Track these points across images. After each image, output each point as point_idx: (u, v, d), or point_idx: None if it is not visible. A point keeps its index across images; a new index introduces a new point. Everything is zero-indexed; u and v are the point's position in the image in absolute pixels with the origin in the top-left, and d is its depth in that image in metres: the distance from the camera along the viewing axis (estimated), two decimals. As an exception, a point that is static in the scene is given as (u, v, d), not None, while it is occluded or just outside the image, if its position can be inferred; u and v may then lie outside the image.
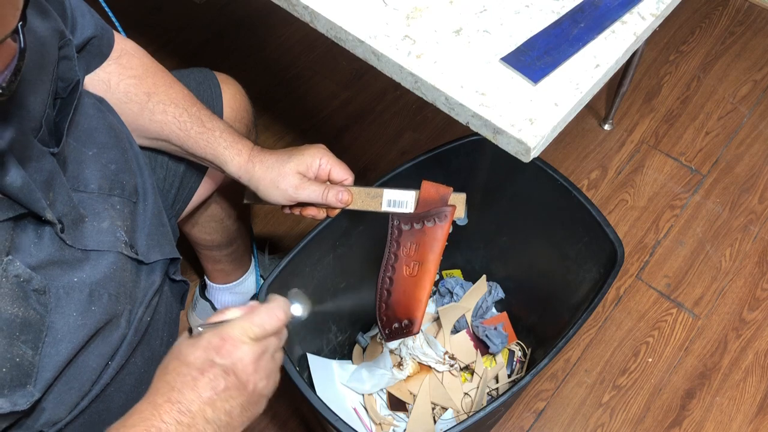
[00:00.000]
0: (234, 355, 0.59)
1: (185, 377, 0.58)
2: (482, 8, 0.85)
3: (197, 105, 0.86)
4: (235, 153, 0.85)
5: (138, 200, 0.77)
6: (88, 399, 0.68)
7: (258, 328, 0.61)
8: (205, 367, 0.59)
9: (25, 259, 0.60)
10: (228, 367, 0.59)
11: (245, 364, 0.59)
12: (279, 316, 0.63)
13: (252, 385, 0.60)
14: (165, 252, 0.78)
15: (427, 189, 0.86)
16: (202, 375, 0.58)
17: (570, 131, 1.71)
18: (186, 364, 0.59)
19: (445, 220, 0.83)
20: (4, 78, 0.48)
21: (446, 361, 1.22)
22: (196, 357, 0.59)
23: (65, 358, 0.62)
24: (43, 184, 0.61)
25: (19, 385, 0.58)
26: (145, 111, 0.83)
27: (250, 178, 0.85)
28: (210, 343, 0.59)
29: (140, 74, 0.83)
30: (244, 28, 1.91)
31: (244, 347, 0.60)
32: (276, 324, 0.62)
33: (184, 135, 0.84)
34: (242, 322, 0.61)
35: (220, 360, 0.59)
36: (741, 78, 1.81)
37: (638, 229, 1.55)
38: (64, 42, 0.68)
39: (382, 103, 1.77)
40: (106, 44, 0.80)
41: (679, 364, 1.38)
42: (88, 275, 0.66)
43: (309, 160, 0.85)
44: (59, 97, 0.69)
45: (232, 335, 0.60)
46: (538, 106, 0.77)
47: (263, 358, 0.61)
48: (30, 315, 0.59)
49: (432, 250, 0.83)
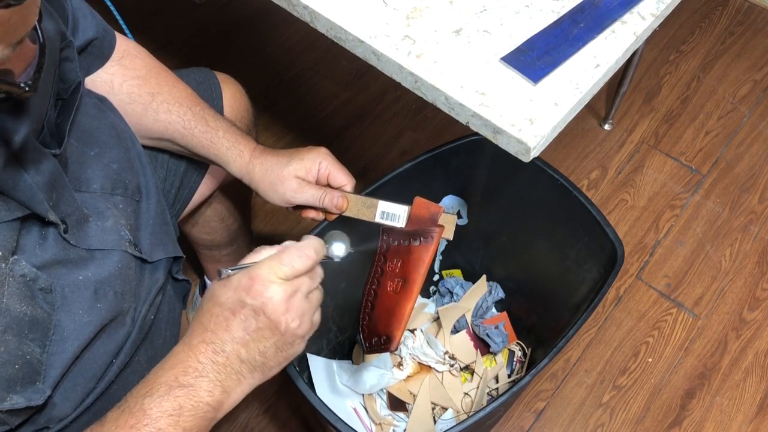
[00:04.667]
0: (264, 295, 0.59)
1: (218, 318, 0.60)
2: (482, 8, 0.85)
3: (201, 104, 0.86)
4: (237, 154, 0.85)
5: (141, 199, 0.78)
6: (93, 396, 0.68)
7: (287, 267, 0.61)
8: (236, 307, 0.59)
9: (31, 259, 0.60)
10: (258, 307, 0.59)
11: (275, 304, 0.60)
12: (309, 254, 0.62)
13: (284, 325, 0.60)
14: (168, 250, 0.79)
15: (418, 206, 0.85)
16: (233, 315, 0.59)
17: (570, 131, 1.71)
18: (218, 305, 0.60)
19: (431, 241, 0.81)
20: (27, 75, 0.48)
21: (446, 361, 1.22)
22: (227, 297, 0.60)
23: (72, 356, 0.63)
24: (45, 185, 0.61)
25: (29, 382, 0.59)
26: (149, 111, 0.83)
27: (250, 180, 0.86)
28: (240, 283, 0.60)
29: (143, 75, 0.83)
30: (244, 28, 1.91)
31: (273, 286, 0.60)
32: (307, 263, 0.62)
33: (188, 134, 0.84)
34: (271, 261, 0.61)
35: (250, 300, 0.59)
36: (741, 78, 1.82)
37: (638, 229, 1.55)
38: (65, 43, 0.68)
39: (382, 103, 1.77)
40: (107, 45, 0.80)
41: (679, 364, 1.38)
42: (93, 273, 0.66)
43: (309, 164, 0.85)
44: (60, 98, 0.69)
45: (260, 275, 0.60)
46: (538, 106, 0.77)
47: (295, 297, 0.61)
48: (37, 313, 0.59)
49: (416, 270, 0.82)
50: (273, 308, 0.60)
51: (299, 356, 1.08)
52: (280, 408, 1.32)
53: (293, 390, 0.85)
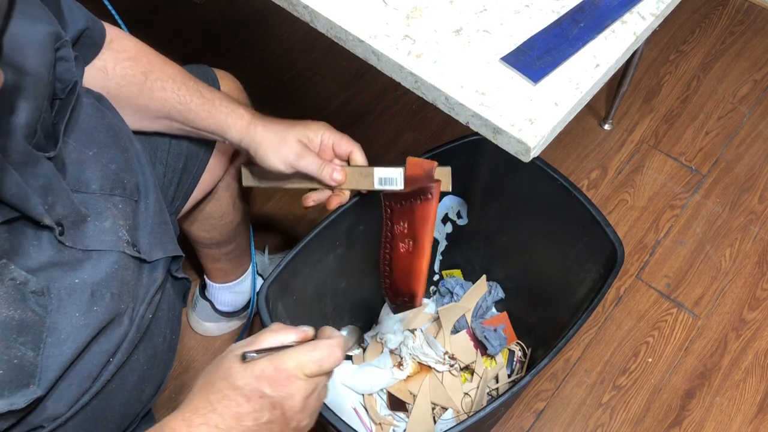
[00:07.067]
0: (286, 390, 0.57)
1: (230, 401, 0.57)
2: (482, 8, 0.85)
3: (193, 79, 0.86)
4: (237, 117, 0.85)
5: (139, 198, 0.77)
6: (89, 395, 0.68)
7: (315, 366, 0.58)
8: (253, 396, 0.57)
9: (25, 262, 0.60)
10: (277, 401, 0.57)
11: (295, 401, 0.58)
12: (338, 356, 0.60)
13: (296, 422, 0.59)
14: (167, 250, 0.79)
15: (412, 165, 0.87)
16: (247, 402, 0.57)
17: (570, 131, 1.71)
18: (234, 388, 0.57)
19: (432, 197, 0.83)
20: None
21: (446, 361, 1.22)
22: (246, 383, 0.57)
23: (69, 358, 0.62)
24: (40, 189, 0.61)
25: (21, 385, 0.58)
26: (144, 90, 0.83)
27: (251, 140, 0.85)
28: (264, 372, 0.57)
29: (134, 55, 0.83)
30: (244, 28, 1.91)
31: (297, 383, 0.58)
32: (333, 364, 0.60)
33: (184, 108, 0.84)
34: (300, 355, 0.58)
35: (271, 392, 0.57)
36: (741, 78, 1.81)
37: (638, 229, 1.55)
38: (60, 44, 0.68)
39: (382, 103, 1.76)
40: (98, 34, 0.80)
41: (679, 364, 1.38)
42: (89, 275, 0.65)
43: (311, 134, 0.85)
44: (57, 98, 0.68)
45: (287, 368, 0.57)
46: (538, 106, 0.77)
47: (312, 395, 0.59)
48: (28, 317, 0.59)
49: (423, 228, 0.84)
50: (291, 405, 0.58)
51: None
52: (279, 408, 1.32)
53: (293, 390, 0.85)
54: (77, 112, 0.72)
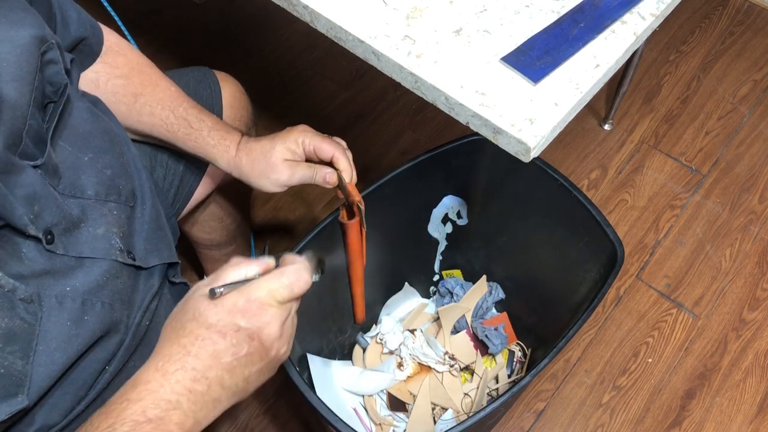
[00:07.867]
0: (261, 319, 0.56)
1: (204, 341, 0.55)
2: (482, 8, 0.85)
3: (184, 104, 0.85)
4: (223, 150, 0.84)
5: (135, 204, 0.76)
6: (84, 404, 0.67)
7: (287, 291, 0.57)
8: (228, 330, 0.55)
9: (15, 269, 0.58)
10: (254, 331, 0.56)
11: (272, 329, 0.56)
12: (306, 279, 0.59)
13: (275, 350, 0.58)
14: (163, 256, 0.77)
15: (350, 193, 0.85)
16: (223, 339, 0.55)
17: (570, 131, 1.71)
18: (206, 327, 0.55)
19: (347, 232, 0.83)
20: None
21: (446, 362, 1.22)
22: (219, 319, 0.55)
23: (60, 368, 0.61)
24: (24, 199, 0.59)
25: (8, 395, 0.57)
26: (132, 112, 0.83)
27: (239, 173, 0.85)
28: (236, 305, 0.55)
29: (126, 73, 0.82)
30: (244, 28, 1.91)
31: (271, 310, 0.56)
32: (304, 288, 0.59)
33: (171, 136, 0.84)
34: (269, 283, 0.57)
35: (246, 324, 0.55)
36: (741, 78, 1.81)
37: (638, 229, 1.55)
38: (47, 47, 0.65)
39: (382, 103, 1.77)
40: (96, 42, 0.79)
41: (679, 365, 1.38)
42: (81, 283, 0.64)
43: (292, 146, 0.84)
44: (51, 101, 0.67)
45: (259, 297, 0.56)
46: (538, 106, 0.77)
47: (287, 321, 0.59)
48: (16, 325, 0.57)
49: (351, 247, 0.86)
50: (269, 333, 0.56)
51: (299, 356, 1.09)
52: (280, 408, 1.32)
53: (293, 390, 0.85)
54: (70, 115, 0.70)
